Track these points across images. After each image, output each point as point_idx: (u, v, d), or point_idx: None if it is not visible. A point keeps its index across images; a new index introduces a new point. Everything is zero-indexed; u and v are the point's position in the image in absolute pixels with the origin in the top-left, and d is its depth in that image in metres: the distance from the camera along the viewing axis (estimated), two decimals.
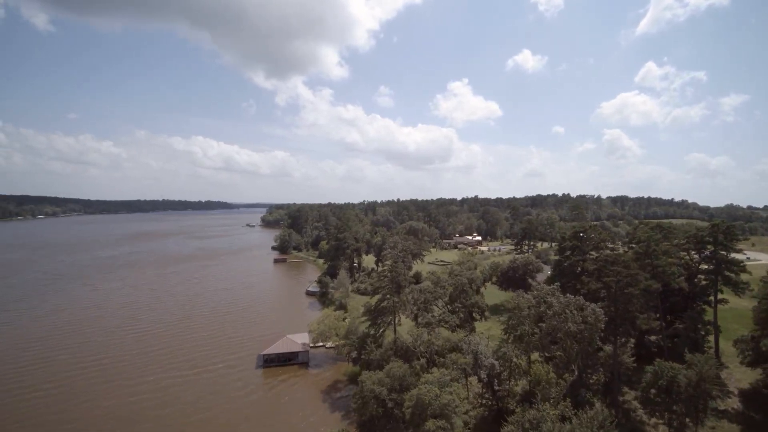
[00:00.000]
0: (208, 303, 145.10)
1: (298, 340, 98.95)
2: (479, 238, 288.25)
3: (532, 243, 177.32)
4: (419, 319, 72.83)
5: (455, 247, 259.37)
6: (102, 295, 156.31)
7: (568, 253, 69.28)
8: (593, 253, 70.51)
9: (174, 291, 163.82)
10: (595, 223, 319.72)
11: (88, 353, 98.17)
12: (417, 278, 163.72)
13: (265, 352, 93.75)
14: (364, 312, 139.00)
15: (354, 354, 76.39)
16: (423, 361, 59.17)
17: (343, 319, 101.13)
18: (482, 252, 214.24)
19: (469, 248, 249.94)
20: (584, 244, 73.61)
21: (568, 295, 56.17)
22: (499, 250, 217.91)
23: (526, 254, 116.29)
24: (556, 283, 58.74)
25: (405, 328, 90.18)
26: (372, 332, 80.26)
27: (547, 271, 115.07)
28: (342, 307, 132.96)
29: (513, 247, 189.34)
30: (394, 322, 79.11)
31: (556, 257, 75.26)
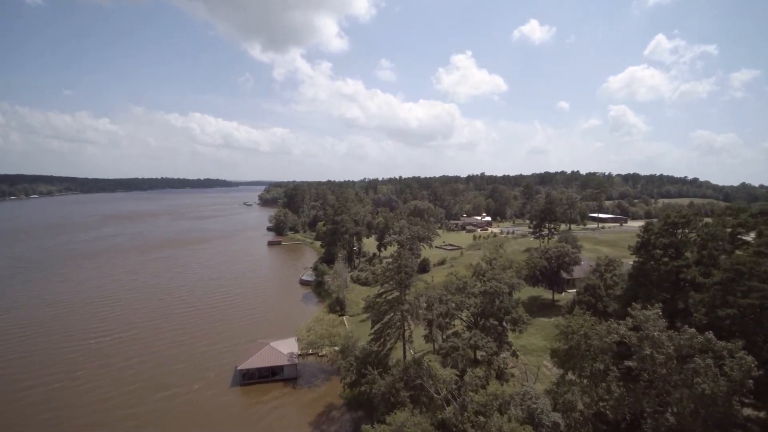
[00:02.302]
0: (189, 298, 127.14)
1: (284, 349, 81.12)
2: (489, 218, 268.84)
3: (552, 226, 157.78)
4: (441, 339, 54.68)
5: (463, 228, 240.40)
6: (70, 288, 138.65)
7: (657, 253, 49.86)
8: (688, 255, 50.75)
9: (153, 282, 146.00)
10: (616, 200, 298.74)
11: (26, 373, 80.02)
12: (425, 266, 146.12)
13: (243, 366, 75.99)
14: (365, 307, 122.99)
15: (352, 377, 58.24)
16: (450, 412, 41.01)
17: (340, 318, 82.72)
18: (494, 234, 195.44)
19: (479, 230, 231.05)
20: (682, 239, 51.88)
21: (685, 328, 36.20)
22: (513, 233, 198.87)
23: (561, 244, 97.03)
24: (656, 307, 39.56)
25: (416, 339, 72.14)
26: (375, 348, 62.08)
27: (585, 264, 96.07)
28: (339, 303, 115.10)
29: (530, 229, 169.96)
30: (404, 337, 60.92)
31: (635, 259, 55.58)
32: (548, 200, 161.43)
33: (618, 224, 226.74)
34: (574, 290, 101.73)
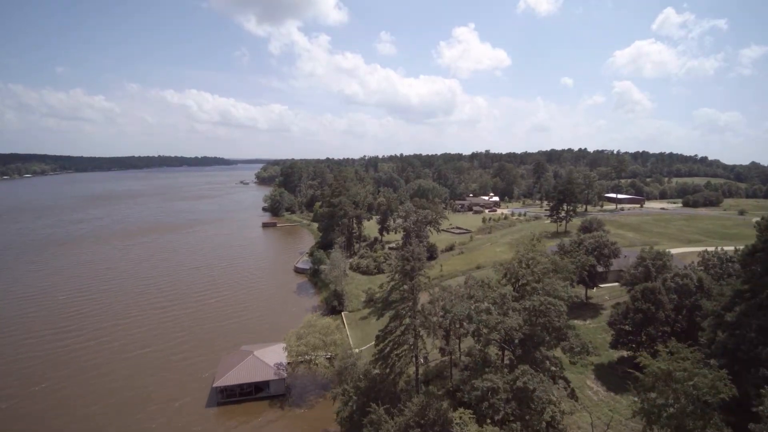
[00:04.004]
0: (172, 290, 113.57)
1: (271, 359, 68.12)
2: (496, 198, 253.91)
3: (571, 207, 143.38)
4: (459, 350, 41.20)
5: (470, 209, 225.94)
6: (42, 279, 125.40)
7: None
8: None
9: (134, 272, 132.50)
10: (629, 179, 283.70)
11: None
12: (432, 252, 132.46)
13: (220, 383, 63.05)
14: (366, 301, 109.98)
15: (352, 409, 45.10)
16: None
17: (336, 321, 69.55)
18: (504, 216, 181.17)
19: (486, 211, 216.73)
20: None
21: None
22: (524, 215, 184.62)
23: (599, 233, 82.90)
24: None
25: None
26: (378, 371, 48.84)
27: (626, 256, 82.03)
28: (337, 296, 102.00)
29: (545, 210, 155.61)
30: (417, 361, 47.58)
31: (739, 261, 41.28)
32: (567, 179, 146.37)
33: (637, 205, 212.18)
34: (609, 284, 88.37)
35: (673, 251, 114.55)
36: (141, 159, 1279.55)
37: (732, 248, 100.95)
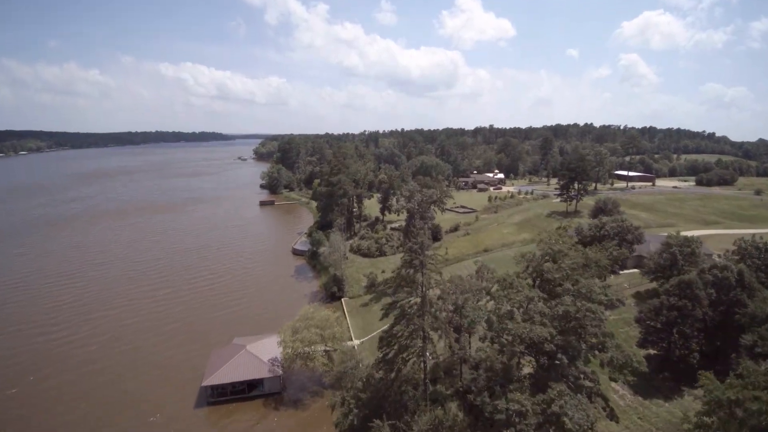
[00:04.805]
0: (164, 276, 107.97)
1: (265, 354, 63.03)
2: (501, 175, 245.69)
3: (581, 186, 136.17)
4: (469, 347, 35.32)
5: (474, 187, 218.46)
6: (27, 264, 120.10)
7: None
8: None
9: (124, 256, 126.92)
10: (638, 156, 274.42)
11: None
12: (436, 233, 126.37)
13: (209, 381, 58.04)
14: (368, 286, 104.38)
15: (350, 422, 39.94)
16: None
17: (336, 313, 64.14)
18: (510, 195, 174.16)
19: (491, 189, 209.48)
20: None
21: None
22: (531, 193, 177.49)
23: (620, 217, 76.24)
24: None
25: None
26: (383, 375, 43.46)
27: (652, 243, 75.57)
28: (337, 281, 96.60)
29: (554, 189, 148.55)
30: (425, 368, 42.09)
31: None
32: (579, 156, 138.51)
33: (649, 183, 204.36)
34: (628, 270, 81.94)
35: (690, 233, 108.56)
36: (138, 135, 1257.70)
37: (752, 232, 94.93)
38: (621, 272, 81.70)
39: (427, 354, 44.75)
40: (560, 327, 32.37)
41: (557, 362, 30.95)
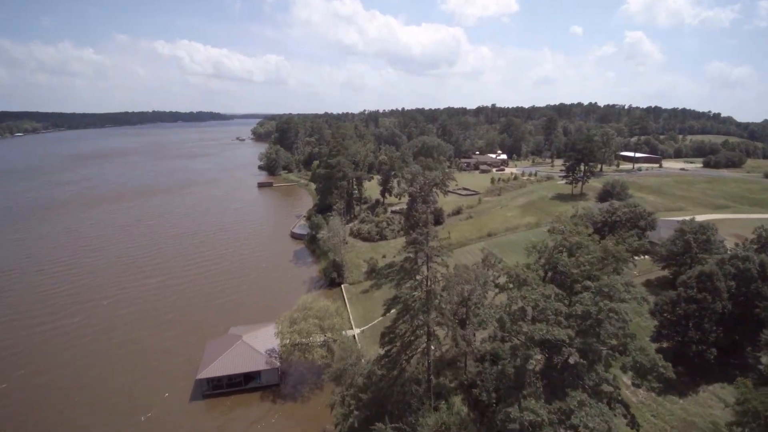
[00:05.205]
0: (159, 263, 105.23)
1: (262, 345, 60.98)
2: (504, 156, 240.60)
3: (588, 168, 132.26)
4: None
5: (476, 168, 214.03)
6: (21, 249, 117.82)
7: None
8: None
9: (118, 241, 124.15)
10: (643, 137, 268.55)
11: None
12: (438, 216, 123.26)
13: (203, 375, 56.04)
14: (368, 272, 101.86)
15: (351, 424, 37.85)
16: None
17: (336, 310, 61.72)
18: (514, 176, 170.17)
19: (494, 170, 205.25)
20: None
21: None
22: (535, 174, 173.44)
23: (632, 202, 72.90)
24: None
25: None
26: (385, 372, 41.14)
27: (663, 229, 72.53)
28: (336, 267, 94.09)
29: (558, 170, 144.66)
30: (430, 368, 39.65)
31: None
32: (586, 137, 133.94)
33: (656, 165, 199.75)
34: (637, 257, 78.96)
35: (700, 218, 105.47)
36: (135, 115, 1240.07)
37: (763, 217, 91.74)
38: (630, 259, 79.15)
39: (432, 347, 42.40)
40: (578, 327, 29.66)
41: (574, 366, 28.33)
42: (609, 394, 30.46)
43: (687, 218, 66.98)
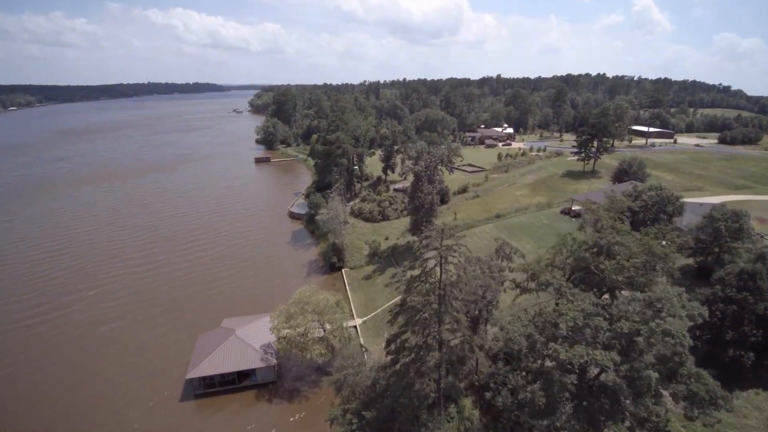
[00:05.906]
0: (149, 248, 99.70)
1: (257, 340, 56.93)
2: (510, 130, 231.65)
3: (601, 144, 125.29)
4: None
5: (482, 142, 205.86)
6: (5, 233, 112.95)
7: None
8: None
9: (110, 222, 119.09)
10: (654, 110, 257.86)
11: None
12: (443, 195, 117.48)
13: (193, 374, 52.13)
14: (370, 255, 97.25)
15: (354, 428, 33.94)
16: None
17: (336, 303, 57.25)
18: (522, 152, 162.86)
19: (500, 144, 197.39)
20: None
21: None
22: (544, 149, 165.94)
23: (659, 185, 67.05)
24: None
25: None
26: (390, 384, 36.88)
27: (691, 213, 66.89)
28: (336, 250, 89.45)
29: (567, 145, 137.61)
30: (439, 379, 35.29)
31: None
32: (601, 111, 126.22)
33: (669, 140, 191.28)
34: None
35: (719, 199, 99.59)
36: (130, 86, 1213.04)
37: None
38: None
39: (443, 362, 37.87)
40: (620, 348, 24.89)
41: (612, 388, 23.81)
42: (656, 425, 26.02)
43: (707, 200, 61.41)
